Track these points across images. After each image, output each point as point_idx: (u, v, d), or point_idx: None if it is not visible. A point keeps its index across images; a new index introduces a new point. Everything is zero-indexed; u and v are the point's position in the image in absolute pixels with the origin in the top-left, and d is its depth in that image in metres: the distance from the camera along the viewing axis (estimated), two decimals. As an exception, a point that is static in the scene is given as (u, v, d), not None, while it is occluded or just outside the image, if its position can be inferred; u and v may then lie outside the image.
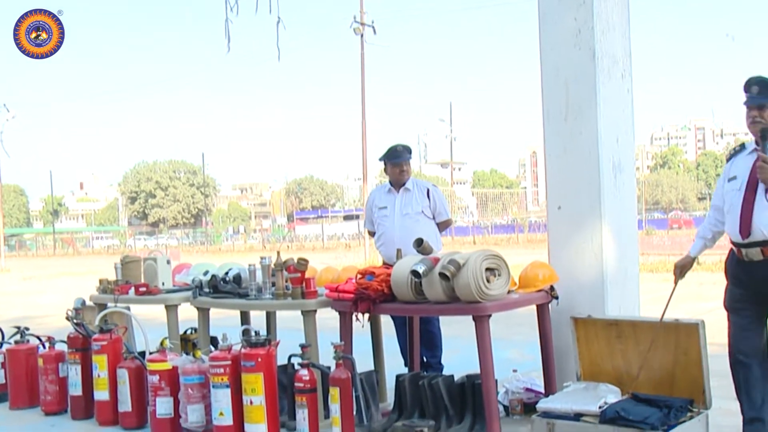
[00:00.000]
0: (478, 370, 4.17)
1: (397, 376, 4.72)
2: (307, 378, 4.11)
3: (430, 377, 4.51)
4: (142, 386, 4.93)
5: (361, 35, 30.21)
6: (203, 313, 5.35)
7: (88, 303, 5.94)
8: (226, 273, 5.33)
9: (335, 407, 4.02)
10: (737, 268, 3.90)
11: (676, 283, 4.18)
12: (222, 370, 4.33)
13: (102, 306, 5.84)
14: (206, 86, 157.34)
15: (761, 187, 3.71)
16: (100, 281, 6.09)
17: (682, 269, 4.20)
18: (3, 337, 6.17)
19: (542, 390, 4.79)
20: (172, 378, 4.66)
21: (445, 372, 5.19)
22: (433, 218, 5.78)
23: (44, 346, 5.70)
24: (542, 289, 4.55)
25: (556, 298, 4.59)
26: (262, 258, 5.02)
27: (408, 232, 5.33)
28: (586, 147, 4.74)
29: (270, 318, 5.82)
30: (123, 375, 4.95)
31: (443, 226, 5.91)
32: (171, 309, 5.50)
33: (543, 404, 4.16)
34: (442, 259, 4.14)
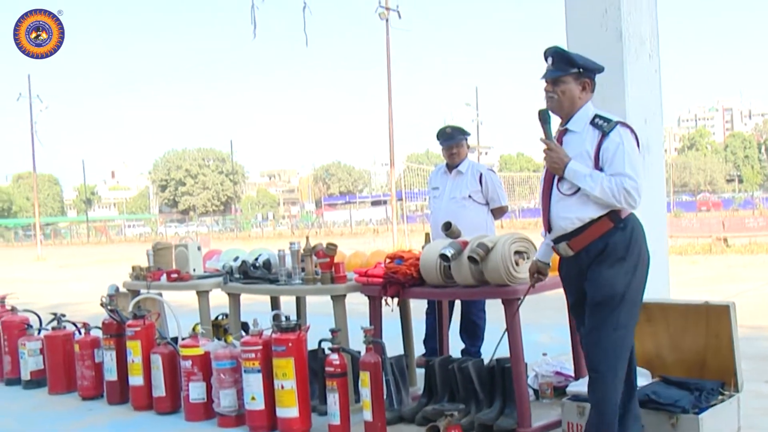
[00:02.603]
0: (507, 354, 4.17)
1: (427, 360, 4.74)
2: (338, 362, 4.15)
3: (460, 361, 4.53)
4: (175, 371, 5.01)
5: (386, 20, 30.07)
6: (234, 298, 5.41)
7: (122, 290, 6.05)
8: (256, 259, 5.38)
9: (365, 391, 4.06)
10: (560, 268, 3.63)
11: (533, 285, 3.86)
12: (253, 355, 4.39)
13: (135, 292, 5.94)
14: (234, 73, 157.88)
15: (557, 178, 3.44)
16: (133, 268, 6.19)
17: (535, 274, 3.77)
18: (41, 324, 6.30)
19: (572, 374, 4.79)
20: (204, 363, 4.74)
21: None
22: (487, 204, 5.64)
23: (80, 332, 5.81)
24: (573, 272, 4.53)
25: (586, 281, 4.57)
26: (291, 243, 5.06)
27: (452, 216, 5.03)
28: (614, 130, 4.70)
29: (299, 303, 5.88)
30: (156, 360, 5.03)
31: (498, 212, 5.71)
32: (202, 295, 5.58)
33: (573, 387, 4.16)
34: (471, 242, 4.15)
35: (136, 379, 5.18)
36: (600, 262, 3.39)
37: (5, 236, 70.65)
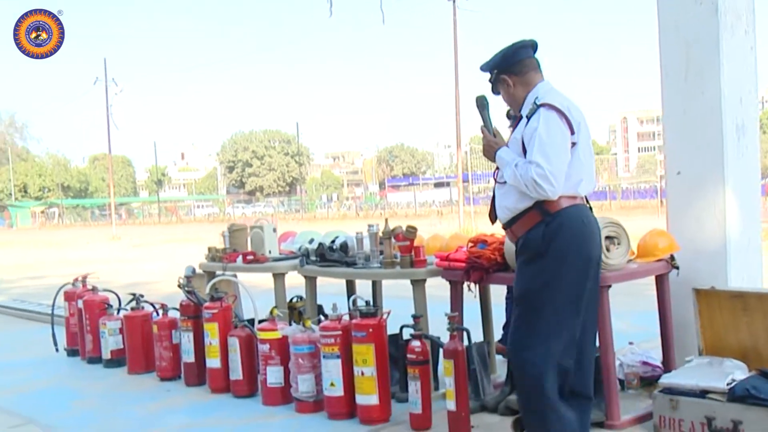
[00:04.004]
0: None
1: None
2: (420, 349, 4.05)
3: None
4: (252, 355, 4.99)
5: (454, 0, 29.72)
6: (310, 281, 5.36)
7: (198, 271, 6.06)
8: (333, 241, 5.30)
9: (449, 380, 3.93)
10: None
11: None
12: (333, 341, 4.32)
13: (211, 274, 5.95)
14: (299, 56, 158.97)
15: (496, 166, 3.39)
16: (209, 249, 6.20)
17: None
18: (120, 304, 6.38)
19: (659, 364, 4.60)
20: (282, 347, 4.70)
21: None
22: None
23: (158, 313, 5.86)
24: (662, 258, 4.36)
25: (677, 268, 4.39)
26: (370, 226, 4.97)
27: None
28: (708, 108, 4.49)
29: (376, 287, 5.78)
30: (234, 343, 5.01)
31: None
32: (278, 277, 5.53)
33: (666, 380, 3.98)
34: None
35: (213, 362, 5.18)
36: (520, 256, 3.30)
37: (82, 216, 73.04)
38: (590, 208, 3.39)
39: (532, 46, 3.42)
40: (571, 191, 3.24)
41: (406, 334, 4.30)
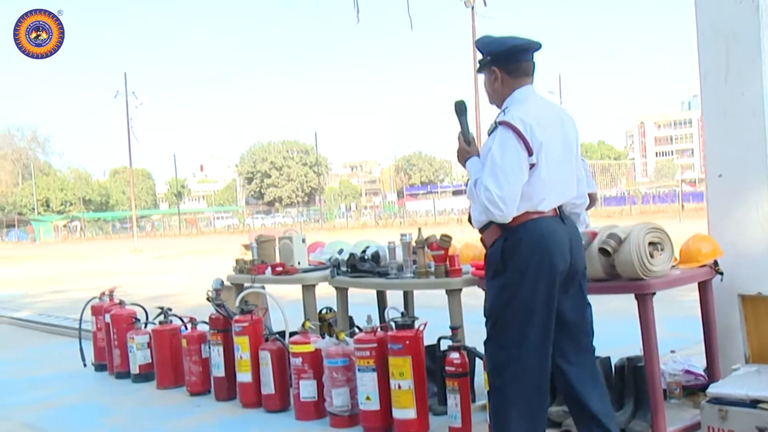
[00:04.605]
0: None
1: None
2: (459, 361, 3.94)
3: (585, 360, 4.25)
4: (284, 368, 4.90)
5: (472, 7, 29.71)
6: (341, 292, 5.25)
7: (226, 283, 5.97)
8: (364, 251, 5.20)
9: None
10: None
11: None
12: (368, 353, 4.22)
13: (239, 286, 5.87)
14: (316, 67, 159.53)
15: None
16: (236, 261, 6.12)
17: None
18: (147, 318, 6.32)
19: (702, 372, 4.46)
20: (315, 360, 4.60)
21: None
22: None
23: (186, 327, 5.78)
24: (705, 264, 4.22)
25: (721, 273, 4.25)
26: (402, 235, 4.86)
27: None
28: (750, 108, 4.36)
29: (408, 298, 5.67)
30: (265, 357, 4.92)
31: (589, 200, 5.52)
32: (308, 289, 5.43)
33: (714, 389, 3.83)
34: (600, 233, 3.86)
35: (244, 376, 5.09)
36: (486, 272, 3.23)
37: (104, 229, 73.63)
38: (562, 219, 3.25)
39: (536, 49, 3.31)
40: (531, 209, 3.14)
41: (444, 345, 4.19)
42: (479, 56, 3.33)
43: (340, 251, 5.55)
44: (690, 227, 9.01)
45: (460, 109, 3.33)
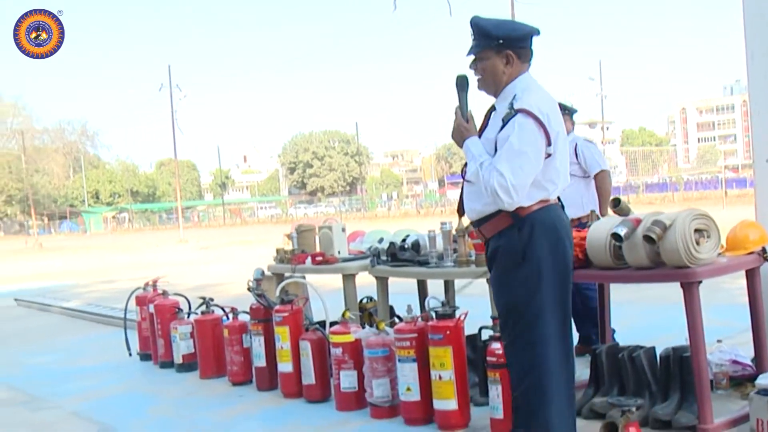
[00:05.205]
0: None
1: (594, 348, 4.41)
2: (501, 352, 3.87)
3: (630, 349, 4.16)
4: (324, 358, 4.89)
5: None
6: (382, 282, 5.22)
7: (267, 273, 5.99)
8: (404, 240, 5.16)
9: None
10: None
11: None
12: (408, 344, 4.17)
13: (279, 276, 5.88)
14: (355, 56, 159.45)
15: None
16: (277, 251, 6.14)
17: None
18: (190, 307, 6.38)
19: (749, 362, 4.34)
20: (355, 351, 4.57)
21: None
22: (586, 176, 5.45)
23: (228, 317, 5.82)
24: (753, 251, 4.10)
25: (770, 261, 4.13)
26: (443, 223, 4.80)
27: None
28: (798, 92, 4.23)
29: (448, 287, 5.61)
30: (305, 347, 4.91)
31: (599, 180, 5.46)
32: (348, 278, 5.42)
33: (763, 380, 3.72)
34: (645, 220, 3.77)
35: (285, 366, 5.09)
36: (497, 266, 3.07)
37: (151, 220, 74.85)
38: (562, 206, 3.18)
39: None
40: (543, 196, 3.05)
41: (485, 335, 4.13)
42: (481, 38, 3.13)
43: (380, 240, 5.52)
44: (733, 214, 8.78)
45: (462, 84, 3.20)
